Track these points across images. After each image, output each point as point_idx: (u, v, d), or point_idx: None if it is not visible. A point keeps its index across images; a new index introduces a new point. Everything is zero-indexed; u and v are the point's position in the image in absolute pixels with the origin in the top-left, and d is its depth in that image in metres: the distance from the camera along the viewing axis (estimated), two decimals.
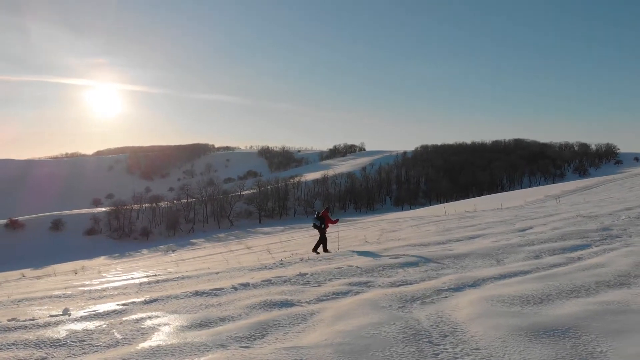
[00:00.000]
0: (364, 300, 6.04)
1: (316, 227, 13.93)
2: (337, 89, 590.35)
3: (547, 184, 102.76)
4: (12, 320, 6.05)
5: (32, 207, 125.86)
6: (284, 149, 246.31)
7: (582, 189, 45.55)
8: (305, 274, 8.27)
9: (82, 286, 10.11)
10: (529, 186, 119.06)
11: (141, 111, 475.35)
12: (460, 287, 6.69)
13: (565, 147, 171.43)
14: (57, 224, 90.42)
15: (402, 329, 4.58)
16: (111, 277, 13.85)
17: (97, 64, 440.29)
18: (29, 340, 5.14)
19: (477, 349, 4.06)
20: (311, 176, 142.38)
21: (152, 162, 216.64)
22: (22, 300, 8.59)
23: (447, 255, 9.99)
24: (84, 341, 5.16)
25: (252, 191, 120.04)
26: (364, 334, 4.45)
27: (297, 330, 4.95)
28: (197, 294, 7.06)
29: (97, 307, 6.79)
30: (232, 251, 24.11)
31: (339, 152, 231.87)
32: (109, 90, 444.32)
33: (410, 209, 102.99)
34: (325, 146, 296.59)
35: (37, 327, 5.73)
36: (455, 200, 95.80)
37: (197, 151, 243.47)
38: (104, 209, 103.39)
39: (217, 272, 10.00)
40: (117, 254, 67.40)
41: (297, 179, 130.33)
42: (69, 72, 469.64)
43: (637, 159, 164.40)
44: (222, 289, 7.33)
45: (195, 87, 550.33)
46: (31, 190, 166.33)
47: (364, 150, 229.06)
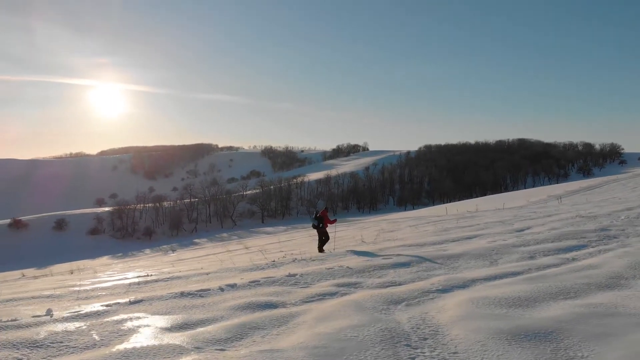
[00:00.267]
0: (349, 301, 5.95)
1: (315, 227, 14.06)
2: (340, 89, 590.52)
3: (550, 184, 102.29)
4: None
5: (36, 207, 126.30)
6: (287, 149, 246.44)
7: (585, 189, 45.26)
8: (294, 275, 8.19)
9: (72, 286, 10.06)
10: (533, 186, 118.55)
11: (144, 111, 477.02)
12: (448, 289, 6.59)
13: (569, 147, 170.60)
14: (60, 224, 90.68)
15: (381, 331, 4.48)
16: (105, 277, 13.81)
17: (100, 64, 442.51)
18: (7, 340, 5.08)
19: (455, 353, 3.96)
20: (314, 176, 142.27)
21: (156, 162, 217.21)
22: (11, 300, 8.54)
23: (441, 255, 9.88)
24: (62, 342, 5.09)
25: (255, 191, 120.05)
26: (341, 336, 4.35)
27: (277, 332, 4.86)
28: (183, 295, 6.99)
29: (82, 307, 6.73)
30: (230, 251, 24.05)
31: (342, 152, 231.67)
32: (112, 90, 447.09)
33: (413, 209, 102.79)
34: (328, 146, 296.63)
35: (18, 327, 5.67)
36: (458, 200, 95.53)
37: (201, 151, 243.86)
38: (107, 209, 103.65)
39: (208, 273, 9.92)
40: (120, 254, 67.48)
41: (300, 179, 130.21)
42: (72, 72, 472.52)
43: None
44: (208, 290, 7.25)
45: (198, 87, 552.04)
46: (35, 190, 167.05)
47: (367, 150, 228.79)
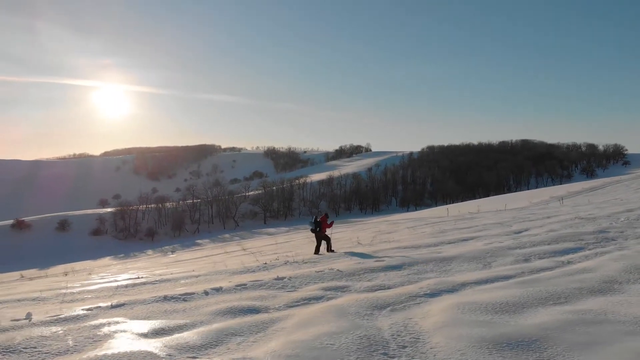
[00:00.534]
0: (332, 306, 5.79)
1: (313, 231, 14.26)
2: (343, 89, 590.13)
3: (554, 185, 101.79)
4: None
5: (40, 208, 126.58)
6: (290, 149, 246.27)
7: (587, 190, 44.93)
8: (282, 278, 8.03)
9: (61, 289, 9.95)
10: (536, 187, 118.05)
11: (147, 112, 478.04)
12: (436, 293, 6.42)
13: (572, 148, 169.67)
14: (63, 225, 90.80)
15: (359, 339, 4.32)
16: (97, 279, 13.70)
17: (103, 64, 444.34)
18: None
19: None
20: (317, 177, 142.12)
21: (159, 163, 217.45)
22: None
23: (435, 258, 9.71)
24: (35, 348, 4.97)
25: (257, 192, 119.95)
26: (316, 344, 4.20)
27: (254, 339, 4.71)
28: (166, 298, 6.85)
29: (63, 311, 6.60)
30: (227, 252, 23.93)
31: (344, 153, 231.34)
32: (115, 91, 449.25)
33: (415, 209, 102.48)
34: (331, 147, 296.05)
35: None
36: (461, 201, 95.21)
37: (204, 152, 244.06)
38: (109, 210, 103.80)
39: (198, 276, 9.79)
40: (122, 255, 67.47)
41: (302, 180, 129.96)
42: (75, 73, 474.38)
43: None
44: (192, 294, 7.11)
45: (201, 88, 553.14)
46: (39, 190, 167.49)
47: (370, 150, 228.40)
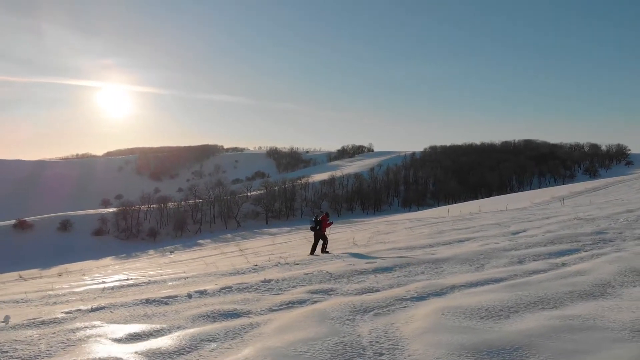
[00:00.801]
0: (315, 311, 5.62)
1: (313, 229, 14.25)
2: (346, 90, 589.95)
3: (556, 185, 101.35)
4: None
5: (43, 208, 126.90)
6: (292, 149, 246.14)
7: (590, 190, 44.62)
8: (269, 281, 7.87)
9: (48, 290, 9.82)
10: (539, 187, 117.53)
11: (150, 112, 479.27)
12: (424, 296, 6.25)
13: (575, 148, 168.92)
14: (65, 225, 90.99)
15: (335, 345, 4.16)
16: (87, 280, 13.57)
17: (106, 65, 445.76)
18: None
19: None
20: (319, 177, 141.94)
21: (162, 163, 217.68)
22: None
23: (428, 259, 9.54)
24: (7, 352, 4.83)
25: (259, 192, 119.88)
26: (290, 352, 4.03)
27: (228, 345, 4.55)
28: (148, 301, 6.70)
29: (42, 314, 6.47)
30: (224, 253, 23.80)
31: (347, 153, 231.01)
32: (118, 91, 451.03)
33: (418, 210, 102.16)
34: (333, 147, 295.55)
35: None
36: (463, 201, 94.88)
37: (206, 152, 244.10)
38: (111, 210, 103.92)
39: (186, 278, 9.64)
40: (123, 255, 67.51)
41: (304, 180, 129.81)
42: (78, 73, 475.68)
43: None
44: (176, 297, 6.96)
45: (203, 88, 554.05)
46: (42, 190, 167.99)
47: (373, 151, 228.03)
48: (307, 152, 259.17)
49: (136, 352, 4.42)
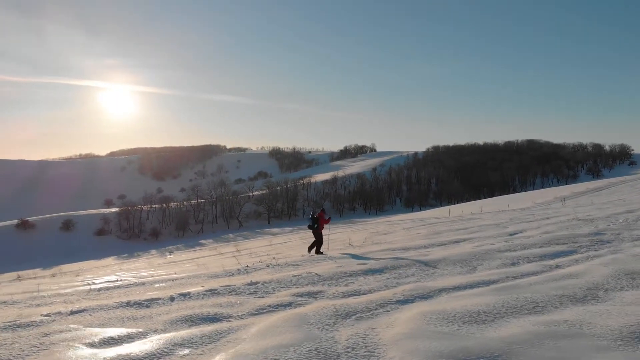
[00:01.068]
0: (296, 315, 5.47)
1: (311, 227, 13.99)
2: (348, 90, 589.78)
3: (559, 185, 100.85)
4: None
5: (47, 208, 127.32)
6: (294, 149, 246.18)
7: (592, 191, 44.29)
8: (256, 283, 7.72)
9: (34, 292, 9.71)
10: (542, 187, 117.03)
11: (153, 112, 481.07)
12: (410, 299, 6.09)
13: (578, 148, 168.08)
14: (67, 225, 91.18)
15: (308, 352, 4.00)
16: (78, 281, 13.46)
17: (109, 65, 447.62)
18: None
19: None
20: (321, 177, 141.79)
21: (164, 163, 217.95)
22: None
23: (420, 261, 9.38)
24: None
25: (261, 192, 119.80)
26: (261, 358, 3.88)
27: (201, 351, 4.41)
28: (129, 304, 6.56)
29: (21, 317, 6.35)
30: (221, 254, 23.66)
31: (349, 153, 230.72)
32: (121, 91, 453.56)
33: (420, 210, 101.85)
34: (336, 147, 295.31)
35: None
36: (466, 201, 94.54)
37: (209, 152, 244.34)
38: (114, 210, 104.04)
39: (174, 279, 9.50)
40: (125, 255, 67.52)
41: (306, 180, 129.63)
42: (82, 73, 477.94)
43: None
44: (158, 299, 6.82)
45: (206, 88, 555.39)
46: (46, 190, 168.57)
47: (375, 151, 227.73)
48: (310, 152, 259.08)
49: (105, 358, 4.28)
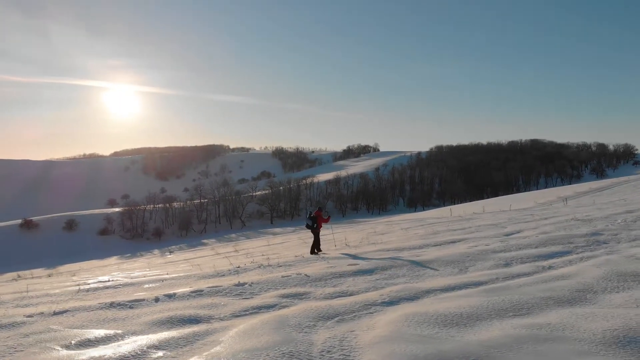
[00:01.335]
0: (277, 317, 5.39)
1: (309, 227, 13.80)
2: (351, 90, 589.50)
3: (563, 185, 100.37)
4: None
5: (51, 208, 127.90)
6: (297, 149, 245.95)
7: (595, 191, 43.99)
8: (243, 284, 7.65)
9: (24, 292, 9.67)
10: (545, 187, 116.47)
11: (157, 112, 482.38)
12: (395, 301, 6.00)
13: (582, 148, 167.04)
14: (70, 224, 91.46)
15: (282, 355, 3.92)
16: (70, 282, 13.42)
17: (113, 65, 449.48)
18: None
19: None
20: (324, 177, 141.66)
21: (168, 163, 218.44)
22: None
23: (413, 261, 9.28)
24: None
25: (264, 192, 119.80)
26: None
27: (174, 354, 4.33)
28: (112, 305, 6.50)
29: (4, 317, 6.30)
30: (219, 254, 23.61)
31: (352, 153, 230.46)
32: (125, 91, 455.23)
33: (423, 210, 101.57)
34: (339, 147, 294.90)
35: None
36: (469, 201, 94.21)
37: (212, 152, 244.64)
38: (117, 210, 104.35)
39: (164, 280, 9.44)
40: (128, 254, 67.61)
41: (309, 180, 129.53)
42: (86, 74, 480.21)
43: None
44: (142, 300, 6.76)
45: (210, 89, 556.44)
46: (50, 190, 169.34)
47: (378, 150, 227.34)
48: (313, 152, 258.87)
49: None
